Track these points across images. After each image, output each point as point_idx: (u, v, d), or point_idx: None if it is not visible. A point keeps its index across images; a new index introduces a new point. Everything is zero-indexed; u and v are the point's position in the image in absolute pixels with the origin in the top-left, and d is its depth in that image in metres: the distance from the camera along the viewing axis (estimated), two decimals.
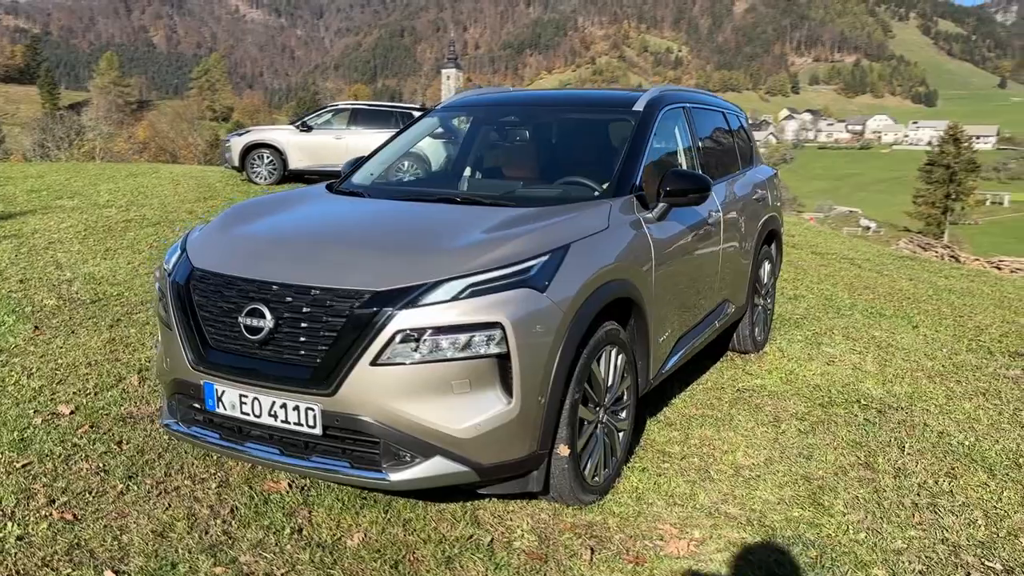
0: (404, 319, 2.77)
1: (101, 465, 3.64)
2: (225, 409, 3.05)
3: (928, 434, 4.10)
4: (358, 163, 4.57)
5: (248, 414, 3.00)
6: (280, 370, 2.93)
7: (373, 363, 2.78)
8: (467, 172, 4.61)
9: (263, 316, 2.93)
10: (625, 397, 3.50)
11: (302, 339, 2.89)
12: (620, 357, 3.40)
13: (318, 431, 2.89)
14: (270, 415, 2.95)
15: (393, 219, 3.54)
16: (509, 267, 2.91)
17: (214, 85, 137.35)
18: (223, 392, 3.04)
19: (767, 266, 5.63)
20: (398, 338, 2.77)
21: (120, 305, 6.32)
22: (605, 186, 3.80)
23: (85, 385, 4.62)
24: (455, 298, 2.81)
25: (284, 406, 2.92)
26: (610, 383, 3.36)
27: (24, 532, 3.06)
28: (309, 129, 15.84)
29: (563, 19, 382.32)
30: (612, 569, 2.85)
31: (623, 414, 3.51)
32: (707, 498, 3.38)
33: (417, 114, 16.10)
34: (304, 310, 2.89)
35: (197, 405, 3.23)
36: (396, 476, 2.85)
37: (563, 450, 3.07)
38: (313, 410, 2.87)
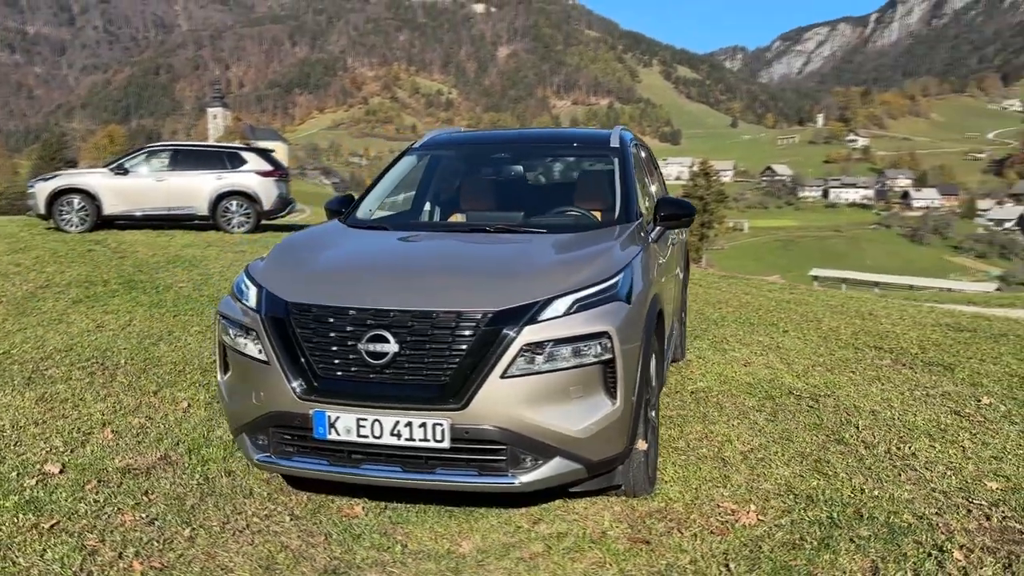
0: (529, 334, 3.04)
1: (145, 516, 3.51)
2: (339, 435, 3.12)
3: (864, 413, 4.89)
4: (350, 201, 4.65)
5: (366, 436, 3.10)
6: (404, 391, 3.07)
7: (503, 376, 3.02)
8: (462, 205, 4.85)
9: (387, 341, 3.06)
10: (654, 399, 3.94)
11: (427, 360, 3.06)
12: (655, 362, 3.84)
13: (446, 444, 3.06)
14: (392, 435, 3.07)
15: (461, 248, 3.78)
16: (602, 283, 3.26)
17: None
18: (337, 418, 3.11)
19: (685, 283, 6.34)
20: (525, 352, 3.03)
21: (15, 363, 5.83)
22: (615, 214, 4.23)
23: (51, 444, 4.33)
24: (567, 313, 3.12)
25: (409, 424, 3.05)
26: (653, 385, 3.79)
27: None
28: (125, 172, 14.94)
29: (332, 59, 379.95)
30: (701, 541, 3.25)
31: (652, 413, 3.94)
32: (740, 479, 3.88)
33: (244, 154, 15.74)
34: (428, 333, 3.06)
35: (288, 436, 3.26)
36: (525, 478, 3.09)
37: (642, 444, 3.44)
38: (441, 425, 3.04)
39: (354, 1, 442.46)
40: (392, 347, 3.07)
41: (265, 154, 16.11)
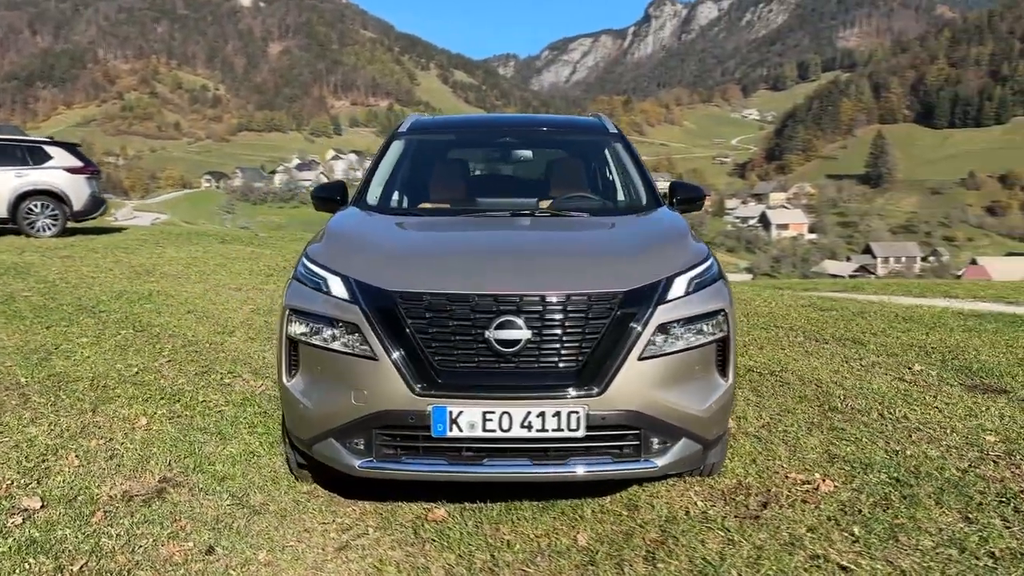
0: (661, 314, 2.96)
1: (193, 545, 3.07)
2: (461, 431, 2.86)
3: (829, 384, 5.22)
4: (343, 189, 4.26)
5: (494, 431, 2.86)
6: (536, 379, 2.87)
7: (640, 358, 2.91)
8: (468, 190, 4.59)
9: (518, 328, 2.84)
10: None
11: (558, 345, 2.88)
12: None
13: (580, 433, 2.89)
14: (523, 427, 2.86)
15: (550, 230, 3.66)
16: (703, 263, 3.25)
17: None
18: (459, 413, 2.85)
19: None
20: (658, 332, 2.94)
21: None
22: (640, 199, 4.22)
23: (3, 475, 3.64)
24: (687, 292, 3.07)
25: (542, 415, 2.85)
26: None
27: None
28: None
29: (79, 51, 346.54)
30: (801, 511, 3.33)
31: None
32: (783, 451, 4.00)
33: (49, 148, 14.01)
34: (560, 317, 2.88)
35: (392, 436, 2.95)
36: (660, 462, 3.00)
37: (731, 422, 3.46)
38: (577, 413, 2.87)
39: None
40: (524, 333, 2.86)
41: (72, 148, 14.42)
